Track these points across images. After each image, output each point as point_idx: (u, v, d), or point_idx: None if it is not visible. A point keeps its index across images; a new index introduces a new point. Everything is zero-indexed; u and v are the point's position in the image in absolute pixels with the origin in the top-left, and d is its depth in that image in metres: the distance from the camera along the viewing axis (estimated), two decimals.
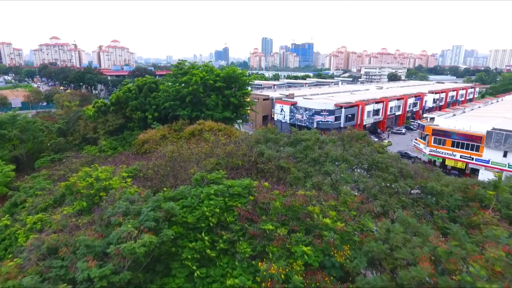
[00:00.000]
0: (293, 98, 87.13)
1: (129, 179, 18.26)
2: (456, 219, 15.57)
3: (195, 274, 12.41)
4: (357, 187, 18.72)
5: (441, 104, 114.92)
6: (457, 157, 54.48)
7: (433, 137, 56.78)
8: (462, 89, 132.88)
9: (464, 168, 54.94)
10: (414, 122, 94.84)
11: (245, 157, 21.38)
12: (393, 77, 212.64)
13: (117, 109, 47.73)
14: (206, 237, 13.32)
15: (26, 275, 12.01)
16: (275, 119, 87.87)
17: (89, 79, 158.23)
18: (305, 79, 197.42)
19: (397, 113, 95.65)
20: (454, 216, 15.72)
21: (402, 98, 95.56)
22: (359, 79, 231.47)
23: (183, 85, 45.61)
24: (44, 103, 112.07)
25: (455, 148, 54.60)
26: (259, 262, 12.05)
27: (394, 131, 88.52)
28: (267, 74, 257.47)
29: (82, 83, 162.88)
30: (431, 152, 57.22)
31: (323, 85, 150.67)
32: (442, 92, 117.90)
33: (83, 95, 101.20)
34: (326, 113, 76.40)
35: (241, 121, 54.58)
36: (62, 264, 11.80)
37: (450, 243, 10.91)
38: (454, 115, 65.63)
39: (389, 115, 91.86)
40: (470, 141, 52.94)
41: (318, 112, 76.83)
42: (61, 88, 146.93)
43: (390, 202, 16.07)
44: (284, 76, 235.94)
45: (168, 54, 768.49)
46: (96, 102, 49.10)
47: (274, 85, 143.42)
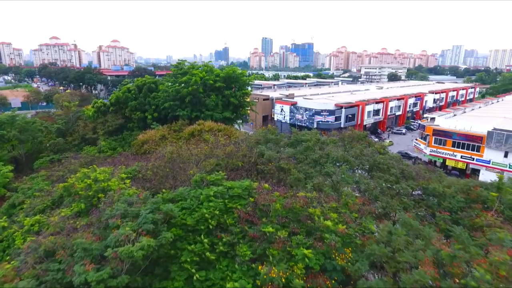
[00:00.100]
0: (293, 98, 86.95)
1: (128, 180, 18.07)
2: (459, 221, 15.40)
3: (195, 277, 12.27)
4: (358, 188, 18.55)
5: (442, 104, 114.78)
6: (458, 158, 54.34)
7: (434, 137, 56.62)
8: (462, 89, 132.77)
9: (465, 169, 54.80)
10: (415, 122, 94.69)
11: (245, 158, 21.19)
12: (393, 77, 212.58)
13: (117, 110, 47.53)
14: (206, 240, 13.17)
15: (23, 278, 11.86)
16: (275, 119, 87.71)
17: (89, 79, 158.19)
18: (305, 79, 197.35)
19: (398, 113, 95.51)
20: (457, 218, 15.55)
21: (403, 98, 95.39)
22: (359, 79, 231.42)
23: (183, 85, 45.41)
24: (44, 103, 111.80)
25: (456, 149, 54.45)
26: (259, 265, 11.87)
27: (394, 131, 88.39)
28: (267, 74, 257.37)
29: (82, 83, 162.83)
30: (432, 153, 57.07)
31: (323, 85, 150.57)
32: (443, 92, 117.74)
33: (83, 95, 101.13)
34: (326, 113, 76.22)
35: (241, 121, 54.40)
36: (59, 268, 11.63)
37: (454, 246, 10.73)
38: (455, 115, 65.46)
39: (390, 115, 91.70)
40: (471, 142, 52.79)
41: (318, 112, 76.65)
42: (61, 88, 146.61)
43: (392, 204, 15.89)
44: (284, 76, 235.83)
45: (168, 54, 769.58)
46: (96, 102, 48.90)
47: (274, 85, 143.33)
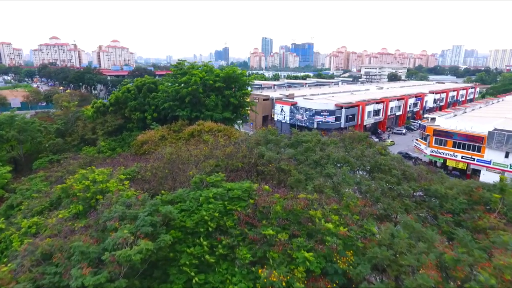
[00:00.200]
0: (293, 98, 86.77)
1: (127, 182, 17.89)
2: (461, 223, 15.22)
3: (194, 281, 12.10)
4: (359, 190, 18.36)
5: (442, 104, 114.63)
6: (459, 158, 54.19)
7: (434, 138, 56.48)
8: (463, 89, 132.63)
9: (466, 169, 54.65)
10: (415, 122, 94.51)
11: (245, 159, 21.00)
12: (393, 77, 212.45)
13: (116, 110, 47.31)
14: (205, 242, 13.00)
15: (20, 282, 11.68)
16: (275, 120, 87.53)
17: (89, 79, 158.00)
18: (305, 79, 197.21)
19: (398, 113, 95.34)
20: (459, 220, 15.37)
21: (403, 98, 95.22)
22: (359, 79, 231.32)
23: (183, 86, 45.20)
24: (44, 103, 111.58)
25: (456, 149, 54.30)
26: (259, 269, 11.69)
27: (395, 132, 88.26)
28: (267, 74, 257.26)
29: (82, 83, 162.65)
30: (432, 153, 56.92)
31: (323, 85, 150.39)
32: (443, 92, 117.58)
33: (83, 95, 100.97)
34: (327, 114, 76.04)
35: (241, 122, 54.22)
36: (56, 271, 11.46)
37: (458, 250, 10.55)
38: (455, 116, 65.32)
39: (390, 115, 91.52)
40: (472, 142, 52.64)
41: (319, 113, 76.47)
42: (61, 88, 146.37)
43: (393, 206, 15.70)
44: (284, 76, 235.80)
45: (168, 54, 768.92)
46: (95, 103, 48.69)
47: (274, 85, 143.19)
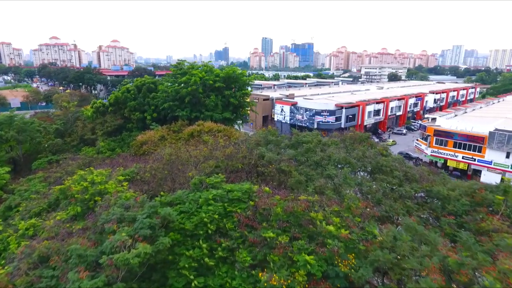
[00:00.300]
0: (293, 99, 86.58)
1: (126, 183, 17.70)
2: (464, 225, 15.04)
3: (193, 284, 11.93)
4: (361, 191, 18.17)
5: (442, 105, 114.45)
6: (459, 158, 54.01)
7: (435, 138, 56.29)
8: (463, 89, 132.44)
9: (466, 169, 54.47)
10: (415, 123, 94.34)
11: (245, 160, 20.82)
12: (394, 77, 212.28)
13: (116, 110, 47.16)
14: (204, 245, 12.83)
15: (16, 285, 11.51)
16: (275, 120, 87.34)
17: (89, 79, 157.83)
18: (305, 79, 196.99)
19: (398, 114, 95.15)
20: (462, 222, 15.19)
21: (403, 98, 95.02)
22: (360, 79, 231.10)
23: (182, 86, 45.03)
24: (43, 103, 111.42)
25: (457, 149, 54.12)
26: (260, 272, 11.52)
27: (395, 132, 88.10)
28: (267, 74, 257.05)
29: (82, 83, 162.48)
30: (433, 153, 56.74)
31: (324, 85, 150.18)
32: (443, 92, 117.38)
33: (82, 95, 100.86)
34: (327, 114, 75.85)
35: (241, 122, 54.04)
36: (53, 274, 11.29)
37: (461, 253, 10.36)
38: (456, 116, 65.14)
39: (390, 116, 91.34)
40: (472, 142, 52.46)
41: (319, 113, 76.28)
42: (61, 88, 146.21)
43: (395, 207, 15.52)
44: (284, 76, 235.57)
45: (168, 54, 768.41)
46: (95, 103, 48.53)
47: (274, 85, 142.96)
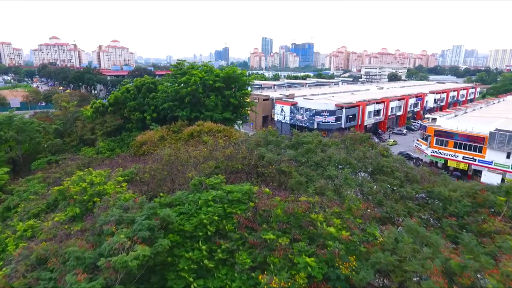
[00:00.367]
0: (294, 99, 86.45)
1: (125, 184, 17.58)
2: (465, 226, 14.93)
3: (192, 286, 11.81)
4: (361, 192, 18.03)
5: (442, 105, 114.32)
6: (460, 158, 53.89)
7: (435, 138, 56.17)
8: (463, 89, 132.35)
9: (467, 170, 54.35)
10: (415, 123, 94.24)
11: (245, 161, 20.69)
12: (394, 77, 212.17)
13: (115, 110, 47.05)
14: (204, 246, 12.71)
15: (14, 287, 11.38)
16: (275, 120, 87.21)
17: (88, 79, 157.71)
18: (305, 79, 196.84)
19: (398, 114, 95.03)
20: (463, 223, 15.07)
21: (403, 99, 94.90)
22: (360, 79, 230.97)
23: (182, 86, 44.90)
24: (43, 103, 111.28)
25: (458, 149, 54.00)
26: (260, 274, 11.40)
27: (395, 132, 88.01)
28: (267, 74, 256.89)
29: (82, 83, 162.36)
30: (433, 153, 56.62)
31: (324, 85, 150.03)
32: (443, 92, 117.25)
33: (82, 95, 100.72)
34: (327, 114, 75.73)
35: (241, 122, 53.92)
36: (51, 276, 11.16)
37: (464, 256, 10.24)
38: (456, 116, 65.01)
39: (390, 116, 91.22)
40: (473, 142, 52.35)
41: (319, 113, 76.16)
42: (61, 88, 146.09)
43: (396, 208, 15.40)
44: (284, 76, 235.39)
45: (168, 54, 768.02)
46: (94, 103, 48.42)
47: (274, 85, 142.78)
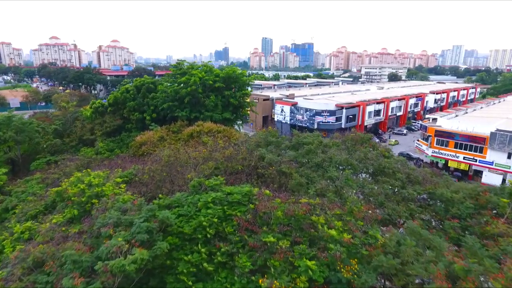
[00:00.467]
0: (294, 99, 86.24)
1: (123, 185, 17.39)
2: (468, 228, 14.74)
3: None
4: (362, 193, 17.84)
5: (443, 105, 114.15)
6: (460, 159, 53.72)
7: (436, 138, 56.00)
8: (463, 89, 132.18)
9: (467, 170, 54.18)
10: (416, 123, 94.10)
11: (245, 162, 20.51)
12: (394, 77, 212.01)
13: (115, 110, 46.87)
14: (203, 249, 12.51)
15: None
16: (276, 120, 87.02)
17: (88, 79, 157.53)
18: (306, 79, 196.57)
19: (398, 114, 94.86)
20: (466, 225, 14.89)
21: (403, 99, 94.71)
22: (360, 79, 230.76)
23: (182, 86, 44.72)
24: (43, 104, 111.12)
25: (458, 150, 53.84)
26: (260, 278, 11.21)
27: (395, 132, 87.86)
28: (267, 74, 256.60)
29: (81, 83, 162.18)
30: (434, 154, 56.46)
31: (324, 85, 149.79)
32: (443, 93, 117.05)
33: (82, 95, 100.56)
34: (327, 114, 75.55)
35: (241, 122, 53.74)
36: (48, 280, 10.97)
37: (469, 260, 10.05)
38: (457, 116, 64.83)
39: (390, 116, 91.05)
40: (474, 143, 52.20)
41: (319, 113, 75.98)
42: (60, 88, 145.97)
43: (398, 210, 15.21)
44: (284, 76, 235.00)
45: (168, 54, 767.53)
46: (94, 103, 48.23)
47: (274, 85, 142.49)
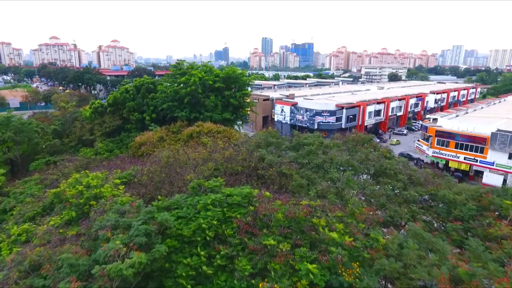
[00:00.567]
0: (294, 99, 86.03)
1: (122, 186, 17.21)
2: (471, 230, 14.57)
3: None
4: (364, 194, 17.65)
5: (443, 105, 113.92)
6: (461, 159, 53.52)
7: (437, 139, 55.80)
8: (464, 90, 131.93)
9: (468, 170, 53.99)
10: (416, 123, 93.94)
11: (245, 162, 20.32)
12: (394, 77, 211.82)
13: (114, 110, 46.72)
14: (202, 252, 12.34)
15: None
16: (276, 120, 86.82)
17: (88, 79, 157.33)
18: (306, 79, 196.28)
19: (399, 114, 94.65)
20: (468, 227, 14.71)
21: (404, 99, 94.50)
22: (360, 79, 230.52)
23: (182, 86, 44.55)
24: (43, 104, 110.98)
25: (459, 150, 53.64)
26: (260, 282, 11.03)
27: (396, 132, 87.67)
28: (267, 74, 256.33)
29: (81, 83, 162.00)
30: (434, 154, 56.25)
31: (324, 85, 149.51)
32: (444, 93, 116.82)
33: (82, 96, 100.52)
34: (327, 114, 75.35)
35: (241, 122, 53.56)
36: (44, 284, 10.79)
37: (473, 264, 9.87)
38: (457, 116, 64.62)
39: (391, 116, 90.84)
40: (474, 143, 52.01)
41: (319, 113, 75.78)
42: (60, 88, 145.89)
43: (400, 212, 15.03)
44: (284, 76, 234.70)
45: (168, 54, 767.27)
46: (93, 103, 48.07)
47: (274, 85, 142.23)
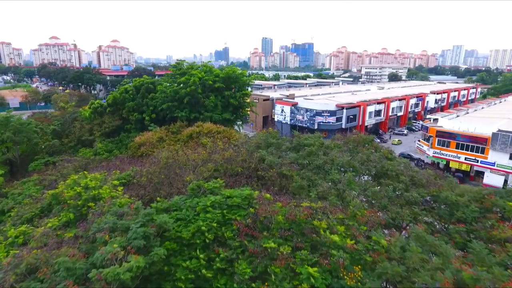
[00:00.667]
0: (294, 99, 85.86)
1: (120, 188, 17.03)
2: (474, 232, 14.38)
3: None
4: (365, 196, 17.47)
5: (443, 105, 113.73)
6: (462, 159, 53.34)
7: (437, 139, 55.62)
8: (464, 90, 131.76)
9: (469, 171, 53.82)
10: (416, 123, 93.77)
11: (245, 164, 20.15)
12: (394, 77, 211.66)
13: (114, 110, 46.58)
14: (202, 255, 12.17)
15: None
16: (276, 120, 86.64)
17: (88, 79, 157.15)
18: (306, 79, 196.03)
19: (399, 114, 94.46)
20: (471, 229, 14.53)
21: (404, 99, 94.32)
22: (360, 79, 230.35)
23: (181, 86, 44.40)
24: (42, 104, 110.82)
25: (460, 150, 53.47)
26: (260, 285, 10.86)
27: (396, 132, 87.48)
28: (267, 74, 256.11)
29: (81, 83, 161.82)
30: (435, 154, 56.08)
31: (324, 85, 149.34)
32: (444, 93, 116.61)
33: (82, 96, 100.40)
34: (327, 114, 75.18)
35: (241, 123, 53.39)
36: (41, 287, 10.62)
37: (477, 268, 9.69)
38: (458, 116, 64.44)
39: (391, 116, 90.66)
40: (475, 143, 51.83)
41: (319, 113, 75.61)
42: (60, 88, 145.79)
43: (402, 214, 14.85)
44: (285, 76, 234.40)
45: (168, 54, 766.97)
46: (92, 103, 47.92)
47: (275, 86, 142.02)
